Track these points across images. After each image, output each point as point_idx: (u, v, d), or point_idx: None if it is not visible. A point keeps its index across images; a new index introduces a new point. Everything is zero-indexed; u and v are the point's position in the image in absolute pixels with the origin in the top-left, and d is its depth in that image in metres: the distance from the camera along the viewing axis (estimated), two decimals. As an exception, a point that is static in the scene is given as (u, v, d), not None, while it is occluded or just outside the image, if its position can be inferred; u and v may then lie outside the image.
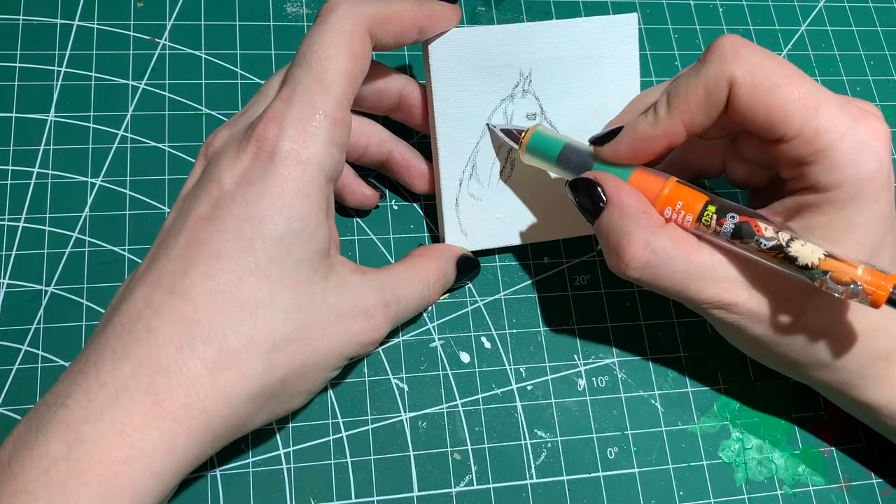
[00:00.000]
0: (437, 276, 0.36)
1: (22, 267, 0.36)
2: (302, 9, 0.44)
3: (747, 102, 0.31)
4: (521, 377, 0.38)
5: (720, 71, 0.31)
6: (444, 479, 0.36)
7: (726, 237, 0.31)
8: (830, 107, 0.30)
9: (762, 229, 0.31)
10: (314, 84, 0.30)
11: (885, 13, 0.50)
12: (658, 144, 0.33)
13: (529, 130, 0.37)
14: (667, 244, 0.32)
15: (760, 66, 0.31)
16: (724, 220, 0.31)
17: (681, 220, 0.33)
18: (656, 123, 0.33)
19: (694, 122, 0.32)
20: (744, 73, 0.31)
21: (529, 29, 0.37)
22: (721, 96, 0.31)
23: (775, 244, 0.30)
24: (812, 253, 0.30)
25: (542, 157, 0.36)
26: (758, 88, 0.30)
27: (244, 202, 0.29)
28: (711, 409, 0.39)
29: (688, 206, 0.32)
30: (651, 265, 0.32)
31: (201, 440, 0.28)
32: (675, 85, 0.32)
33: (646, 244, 0.32)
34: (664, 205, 0.33)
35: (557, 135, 0.37)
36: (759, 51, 0.31)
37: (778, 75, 0.31)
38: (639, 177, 0.34)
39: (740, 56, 0.31)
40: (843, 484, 0.38)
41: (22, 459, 0.26)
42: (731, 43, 0.31)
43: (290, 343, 0.30)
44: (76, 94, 0.40)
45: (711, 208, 0.32)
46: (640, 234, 0.32)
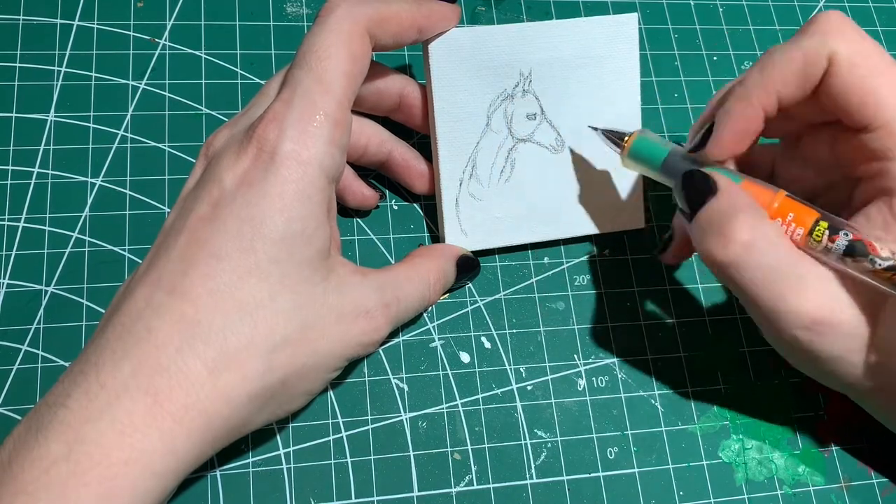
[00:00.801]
0: (438, 277, 0.36)
1: (22, 267, 0.36)
2: (302, 9, 0.44)
3: (843, 81, 0.30)
4: (521, 377, 0.38)
5: (822, 44, 0.30)
6: (444, 479, 0.36)
7: (838, 254, 0.30)
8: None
9: (877, 248, 0.29)
10: (314, 85, 0.30)
11: (885, 13, 0.50)
12: (756, 121, 0.32)
13: (633, 136, 0.36)
14: (773, 233, 0.30)
15: (863, 47, 0.30)
16: (837, 237, 0.30)
17: (790, 233, 0.31)
18: (747, 94, 0.32)
19: (786, 93, 0.31)
20: (846, 51, 0.30)
21: (529, 29, 0.37)
22: (818, 69, 0.30)
23: (891, 264, 0.29)
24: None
25: (645, 163, 0.36)
26: (857, 68, 0.30)
27: (245, 203, 0.29)
28: (711, 409, 0.39)
29: (799, 220, 0.31)
30: (754, 249, 0.30)
31: (201, 441, 0.28)
32: (769, 54, 0.32)
33: (753, 226, 0.30)
34: (774, 217, 0.31)
35: (662, 141, 0.36)
36: (863, 33, 0.30)
37: (879, 60, 0.30)
38: (748, 187, 0.32)
39: (845, 33, 0.30)
40: (843, 484, 0.38)
41: (22, 460, 0.26)
42: (837, 17, 0.30)
43: (290, 344, 0.30)
44: (76, 94, 0.40)
45: (823, 224, 0.30)
46: (749, 214, 0.31)
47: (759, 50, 0.47)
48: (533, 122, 0.38)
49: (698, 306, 0.41)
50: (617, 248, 0.41)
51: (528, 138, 0.39)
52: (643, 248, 0.41)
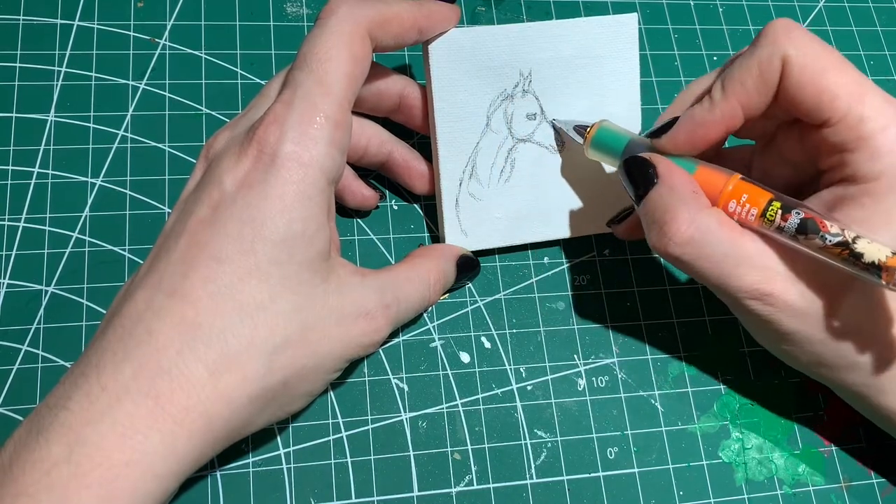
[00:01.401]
0: (438, 277, 0.36)
1: (22, 267, 0.36)
2: (302, 9, 0.44)
3: (798, 81, 0.31)
4: (521, 377, 0.38)
5: (773, 50, 0.31)
6: (444, 479, 0.36)
7: (790, 233, 0.31)
8: (876, 97, 0.31)
9: (828, 226, 0.30)
10: (315, 86, 0.30)
11: (885, 13, 0.50)
12: (716, 130, 0.33)
13: (594, 126, 0.37)
14: (712, 224, 0.32)
15: (812, 48, 0.31)
16: (789, 216, 0.31)
17: (745, 213, 0.32)
18: (713, 108, 0.33)
19: (750, 103, 0.32)
20: (796, 53, 0.31)
21: (529, 29, 0.37)
22: (775, 75, 0.32)
23: (841, 240, 0.30)
24: (878, 251, 0.29)
25: (607, 152, 0.37)
26: (808, 68, 0.31)
27: (245, 205, 0.29)
28: (711, 409, 0.39)
29: (752, 200, 0.32)
30: (694, 242, 0.32)
31: (202, 442, 0.28)
32: (730, 69, 0.33)
33: (691, 220, 0.32)
34: (728, 198, 0.33)
35: (622, 130, 0.37)
36: (811, 35, 0.32)
37: (828, 59, 0.31)
38: (703, 172, 0.34)
39: (793, 37, 0.31)
40: (843, 484, 0.38)
41: (23, 462, 0.26)
42: (784, 25, 0.32)
43: (290, 345, 0.30)
44: (76, 94, 0.40)
45: (776, 204, 0.31)
46: (687, 210, 0.32)
47: (759, 50, 0.47)
48: (533, 122, 0.38)
49: (698, 306, 0.41)
50: (617, 248, 0.42)
51: (528, 138, 0.39)
52: (643, 248, 0.41)
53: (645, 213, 0.34)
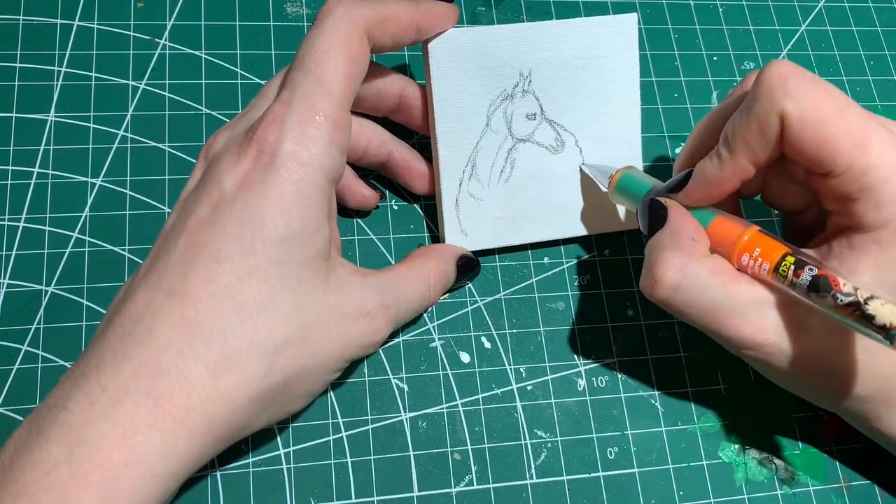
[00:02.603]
0: (438, 277, 0.36)
1: (22, 267, 0.36)
2: (302, 9, 0.44)
3: (798, 136, 0.30)
4: (521, 377, 0.38)
5: (770, 106, 0.30)
6: (444, 479, 0.36)
7: (802, 289, 0.30)
8: (881, 143, 0.30)
9: (840, 284, 0.29)
10: (314, 86, 0.30)
11: (885, 13, 0.50)
12: (729, 185, 0.33)
13: (619, 171, 0.38)
14: (703, 272, 0.32)
15: (810, 99, 0.30)
16: (802, 272, 0.30)
17: (757, 267, 0.32)
18: (722, 166, 0.32)
19: (757, 157, 0.32)
20: (794, 108, 0.30)
21: (529, 29, 0.37)
22: (774, 130, 0.31)
23: (852, 301, 0.29)
24: (891, 313, 0.28)
25: (630, 197, 0.37)
26: (808, 123, 0.30)
27: (245, 205, 0.29)
28: (711, 409, 0.39)
29: (766, 255, 0.32)
30: (682, 288, 0.32)
31: (202, 443, 0.28)
32: (731, 125, 0.32)
33: (680, 266, 0.32)
34: (742, 251, 0.32)
35: (645, 177, 0.37)
36: (809, 81, 0.30)
37: (828, 108, 0.30)
38: (720, 222, 0.34)
39: (789, 89, 0.30)
40: (843, 484, 0.38)
41: (23, 462, 0.26)
42: (780, 74, 0.31)
43: (290, 345, 0.30)
44: (76, 94, 0.40)
45: (790, 259, 0.31)
46: (678, 255, 0.32)
47: (760, 50, 0.47)
48: (533, 122, 0.38)
49: (698, 306, 0.41)
50: (617, 248, 0.41)
51: (528, 138, 0.39)
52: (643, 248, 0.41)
53: (646, 253, 0.34)
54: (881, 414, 0.34)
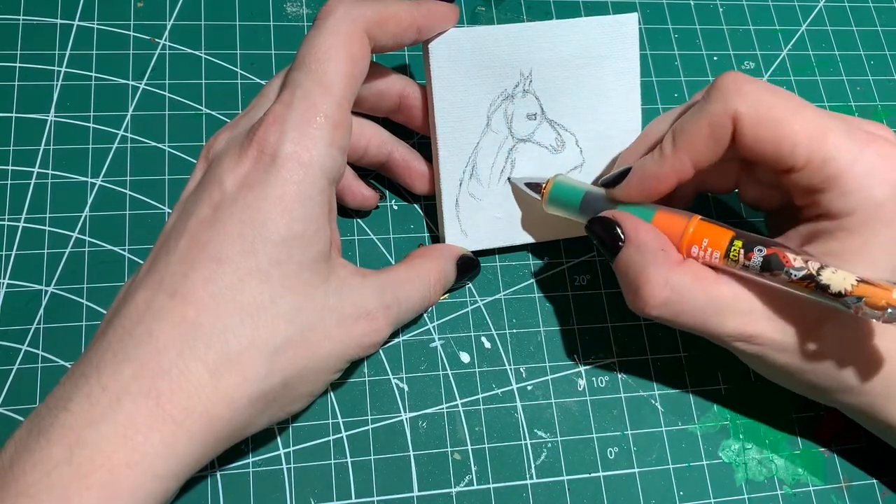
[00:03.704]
0: (438, 277, 0.36)
1: (22, 267, 0.36)
2: (302, 9, 0.44)
3: (753, 136, 0.31)
4: (521, 377, 0.38)
5: (724, 107, 0.31)
6: (444, 479, 0.36)
7: (755, 270, 0.31)
8: (838, 134, 0.30)
9: (791, 260, 0.30)
10: (314, 87, 0.30)
11: (885, 13, 0.50)
12: (667, 182, 0.33)
13: (550, 182, 0.37)
14: (686, 280, 0.32)
15: (764, 100, 0.31)
16: (752, 254, 0.31)
17: (708, 257, 0.33)
18: (663, 162, 0.33)
19: (700, 158, 0.32)
20: (748, 108, 0.31)
21: (530, 29, 0.37)
22: (726, 132, 0.31)
23: (806, 274, 0.30)
24: (844, 280, 0.29)
25: (565, 206, 0.37)
26: (762, 122, 0.31)
27: (245, 205, 0.29)
28: (711, 409, 0.39)
29: (714, 243, 0.32)
30: (670, 302, 0.32)
31: (203, 443, 0.28)
32: (681, 122, 0.33)
33: (664, 282, 0.32)
34: (690, 243, 0.33)
35: (578, 183, 0.37)
36: (762, 85, 0.31)
37: (782, 108, 0.31)
38: (662, 217, 0.34)
39: (743, 91, 0.31)
40: (843, 484, 0.38)
41: (24, 463, 0.26)
42: (734, 79, 0.31)
43: (291, 346, 0.30)
44: (76, 94, 0.40)
45: (738, 243, 0.32)
46: (659, 271, 0.32)
47: (759, 50, 0.47)
48: (533, 122, 0.38)
49: (698, 306, 0.41)
50: (617, 248, 0.41)
51: (528, 138, 0.39)
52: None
53: (618, 273, 0.34)
54: (881, 406, 0.34)
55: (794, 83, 0.47)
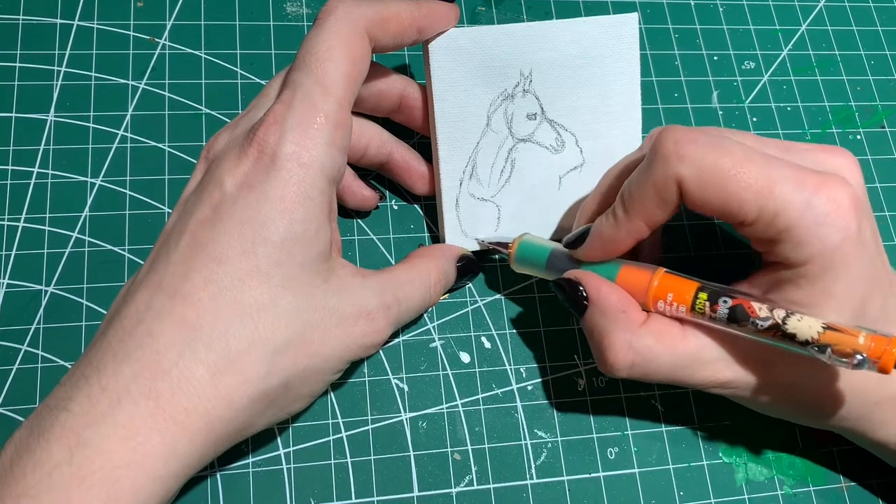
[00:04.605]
0: (438, 277, 0.36)
1: (22, 267, 0.36)
2: (302, 9, 0.44)
3: (699, 197, 0.31)
4: (521, 377, 0.38)
5: (666, 172, 0.31)
6: (444, 479, 0.36)
7: (722, 322, 0.31)
8: (785, 185, 0.30)
9: (756, 310, 0.30)
10: (314, 87, 0.30)
11: (885, 13, 0.50)
12: (624, 243, 0.33)
13: (516, 241, 0.37)
14: (650, 342, 0.32)
15: (706, 161, 0.30)
16: (718, 306, 0.31)
17: (674, 311, 0.33)
18: (617, 226, 0.33)
19: (652, 219, 0.32)
20: (690, 171, 0.30)
21: (530, 29, 0.37)
22: (672, 195, 0.31)
23: (772, 324, 0.30)
24: (810, 328, 0.29)
25: (532, 264, 0.37)
26: (707, 183, 0.30)
27: (245, 205, 0.29)
28: (711, 409, 0.39)
29: (679, 297, 0.32)
30: (636, 364, 0.33)
31: (203, 444, 0.28)
32: (627, 185, 0.33)
33: (628, 346, 0.32)
34: (655, 298, 0.33)
35: (543, 241, 0.37)
36: (704, 143, 0.30)
37: (725, 165, 0.30)
38: (626, 273, 0.34)
39: (683, 154, 0.30)
40: (843, 484, 0.38)
41: (24, 463, 0.26)
42: (674, 140, 0.31)
43: (291, 346, 0.30)
44: (76, 94, 0.40)
45: (703, 295, 0.32)
46: (622, 335, 0.32)
47: (760, 50, 0.47)
48: (533, 122, 0.38)
49: (698, 306, 0.41)
50: (617, 248, 0.41)
51: (528, 138, 0.39)
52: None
53: (586, 334, 0.35)
54: (862, 428, 0.34)
55: (794, 83, 0.47)
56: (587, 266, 0.35)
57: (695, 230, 0.42)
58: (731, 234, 0.43)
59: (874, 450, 0.36)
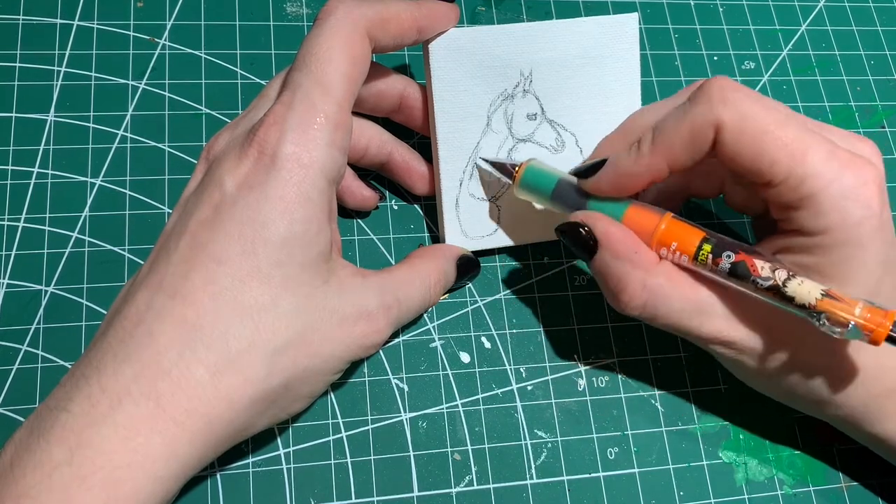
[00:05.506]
0: (438, 277, 0.36)
1: (22, 267, 0.36)
2: (302, 9, 0.44)
3: (734, 147, 0.30)
4: (521, 377, 0.38)
5: (707, 114, 0.30)
6: (444, 479, 0.36)
7: (723, 275, 0.31)
8: (819, 153, 0.30)
9: (759, 268, 0.30)
10: (314, 87, 0.30)
11: (885, 13, 0.50)
12: (640, 180, 0.33)
13: (523, 165, 0.37)
14: (663, 282, 0.33)
15: (749, 111, 0.30)
16: (720, 260, 0.31)
17: (676, 259, 0.33)
18: (639, 160, 0.32)
19: (677, 161, 0.32)
20: (731, 118, 0.30)
21: (530, 29, 0.37)
22: (706, 139, 0.31)
23: (772, 284, 0.30)
24: (809, 293, 0.29)
25: (537, 192, 0.36)
26: (745, 134, 0.30)
27: (246, 206, 0.29)
28: (711, 409, 0.39)
29: (683, 246, 0.32)
30: (649, 304, 0.33)
31: (203, 444, 0.28)
32: (662, 123, 0.32)
33: (642, 285, 0.32)
34: (660, 244, 0.33)
35: (552, 169, 0.37)
36: (749, 94, 0.31)
37: (766, 120, 0.30)
38: (633, 213, 0.33)
39: (729, 100, 0.30)
40: (843, 484, 0.38)
41: (24, 464, 0.26)
42: (721, 85, 0.31)
43: (291, 347, 0.30)
44: (76, 94, 0.40)
45: (707, 247, 0.32)
46: (636, 274, 0.32)
47: (760, 50, 0.47)
48: (533, 122, 0.38)
49: (698, 306, 0.41)
50: (617, 248, 0.41)
51: (529, 138, 0.39)
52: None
53: (596, 277, 0.34)
54: (860, 418, 0.34)
55: (794, 83, 0.47)
56: (593, 205, 0.34)
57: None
58: (732, 234, 0.43)
59: (872, 445, 0.36)
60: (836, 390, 0.33)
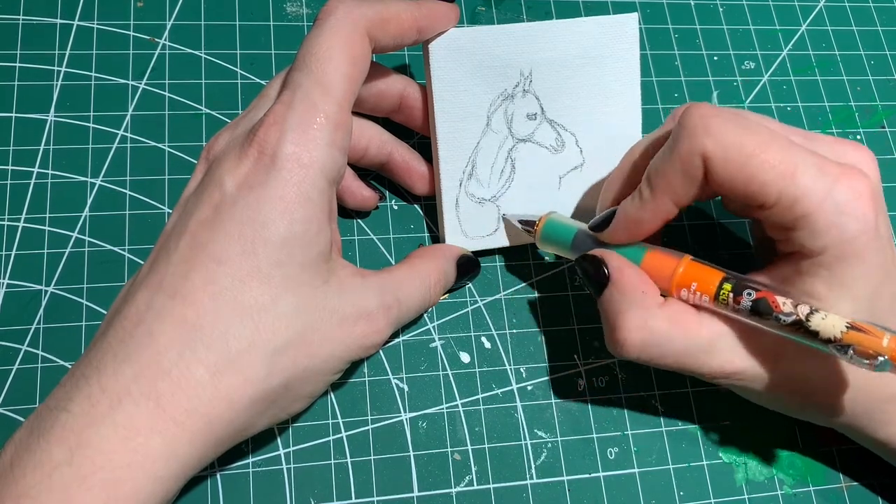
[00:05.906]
0: (438, 277, 0.36)
1: (22, 267, 0.36)
2: (302, 8, 0.44)
3: (723, 175, 0.30)
4: (521, 377, 0.38)
5: (692, 147, 0.30)
6: (444, 479, 0.36)
7: (745, 313, 0.31)
8: (807, 171, 0.30)
9: (780, 304, 0.30)
10: (314, 87, 0.30)
11: (885, 13, 0.50)
12: (652, 224, 0.33)
13: (542, 219, 0.37)
14: (663, 325, 0.32)
15: (731, 139, 0.30)
16: (741, 298, 0.31)
17: (697, 300, 0.33)
18: (643, 206, 0.33)
19: (680, 197, 0.32)
20: (714, 147, 0.30)
21: (530, 29, 0.37)
22: (698, 171, 0.31)
23: (795, 319, 0.30)
24: (834, 326, 0.29)
25: (557, 243, 0.37)
26: (731, 161, 0.30)
27: (246, 206, 0.29)
28: (711, 409, 0.39)
29: (703, 286, 0.32)
30: (648, 346, 0.32)
31: (203, 444, 0.28)
32: (654, 164, 0.32)
33: (642, 324, 0.32)
34: (679, 286, 0.33)
35: (570, 222, 0.37)
36: (729, 119, 0.31)
37: (750, 145, 0.30)
38: (652, 257, 0.34)
39: (710, 129, 0.30)
40: (843, 484, 0.38)
41: (24, 464, 0.26)
42: (701, 114, 0.31)
43: (292, 347, 0.30)
44: (76, 94, 0.40)
45: (727, 286, 0.31)
46: (636, 313, 0.32)
47: (760, 50, 0.47)
48: (533, 122, 0.38)
49: (698, 306, 0.41)
50: (617, 248, 0.41)
51: (528, 138, 0.39)
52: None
53: (601, 313, 0.34)
54: (865, 425, 0.34)
55: (794, 83, 0.47)
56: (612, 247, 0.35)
57: (695, 230, 0.42)
58: (731, 235, 0.43)
59: (876, 449, 0.36)
60: (843, 402, 0.33)
